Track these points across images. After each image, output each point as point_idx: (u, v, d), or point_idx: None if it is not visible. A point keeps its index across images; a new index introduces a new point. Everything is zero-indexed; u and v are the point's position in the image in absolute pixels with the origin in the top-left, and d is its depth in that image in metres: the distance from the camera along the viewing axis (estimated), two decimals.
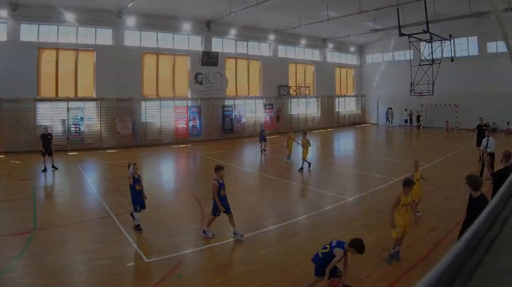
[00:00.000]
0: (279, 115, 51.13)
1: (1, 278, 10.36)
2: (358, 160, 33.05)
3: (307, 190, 21.73)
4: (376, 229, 14.03)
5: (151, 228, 14.45)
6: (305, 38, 53.51)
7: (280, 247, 12.90)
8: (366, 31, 50.25)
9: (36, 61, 34.95)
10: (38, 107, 35.00)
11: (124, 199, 18.58)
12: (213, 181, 13.73)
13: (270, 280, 10.59)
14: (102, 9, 36.57)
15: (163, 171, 29.71)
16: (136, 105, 39.59)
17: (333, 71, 60.39)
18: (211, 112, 44.83)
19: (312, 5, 39.92)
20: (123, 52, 38.96)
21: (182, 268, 11.34)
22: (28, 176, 24.59)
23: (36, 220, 15.56)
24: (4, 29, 33.44)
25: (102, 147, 37.05)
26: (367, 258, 10.75)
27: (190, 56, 43.85)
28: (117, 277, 10.68)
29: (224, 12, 39.47)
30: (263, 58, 50.60)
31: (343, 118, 62.08)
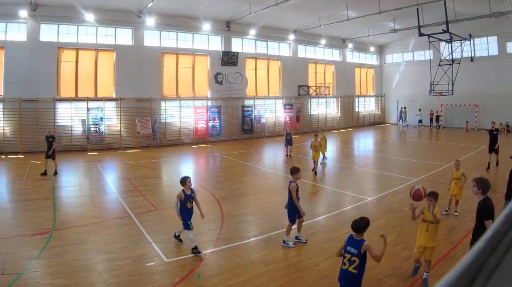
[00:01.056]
0: (299, 115, 50.18)
1: (20, 277, 10.25)
2: (377, 159, 32.52)
3: (327, 190, 21.16)
4: (396, 229, 14.00)
5: (171, 228, 14.05)
6: (325, 38, 52.45)
7: (299, 247, 12.74)
8: (386, 31, 49.05)
9: (56, 61, 34.42)
10: (58, 107, 34.51)
11: (144, 199, 18.73)
12: (291, 183, 13.11)
13: (289, 280, 10.49)
14: (122, 9, 35.89)
15: (182, 171, 28.19)
16: (156, 105, 38.88)
17: (353, 71, 59.15)
18: (231, 113, 44.08)
19: (331, 5, 39.06)
20: (143, 52, 38.43)
21: (202, 268, 11.27)
22: (47, 176, 24.00)
23: (56, 220, 15.37)
24: (24, 29, 32.97)
25: (122, 147, 36.59)
26: (387, 258, 10.45)
27: (209, 56, 43.10)
28: (136, 277, 10.63)
29: (244, 12, 38.84)
30: (283, 58, 49.60)
31: (363, 118, 60.79)
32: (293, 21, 45.42)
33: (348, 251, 8.31)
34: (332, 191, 20.68)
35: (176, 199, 12.45)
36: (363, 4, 38.34)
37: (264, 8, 36.25)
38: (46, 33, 34.26)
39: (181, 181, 12.84)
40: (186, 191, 12.57)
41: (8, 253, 11.85)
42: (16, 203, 17.90)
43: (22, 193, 19.80)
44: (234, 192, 20.39)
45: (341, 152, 36.76)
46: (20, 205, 17.49)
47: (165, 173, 28.02)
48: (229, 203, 18.05)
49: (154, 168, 28.32)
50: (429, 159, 29.82)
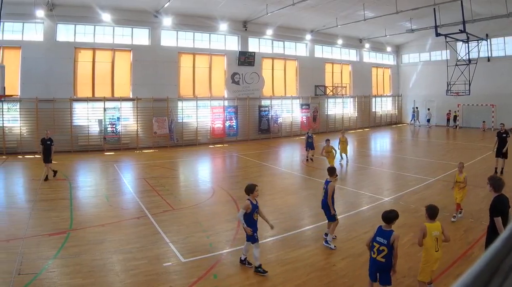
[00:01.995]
0: (315, 115, 49.41)
1: (37, 277, 10.17)
2: (394, 159, 32.10)
3: (344, 190, 20.40)
4: (413, 229, 13.54)
5: (188, 228, 14.26)
6: (341, 38, 51.54)
7: (316, 247, 12.63)
8: (403, 31, 47.98)
9: (73, 61, 34.07)
10: (75, 107, 34.13)
11: (161, 199, 18.54)
12: (329, 183, 12.84)
13: (305, 280, 10.35)
14: (139, 9, 35.61)
15: (199, 171, 28.81)
16: (172, 105, 38.41)
17: (369, 71, 58.28)
18: (248, 113, 43.45)
19: (348, 5, 38.53)
20: (159, 52, 38.00)
21: (218, 268, 11.14)
22: (64, 176, 23.78)
23: (73, 219, 15.27)
24: (41, 29, 32.68)
25: (139, 147, 36.09)
26: (404, 258, 10.71)
27: (226, 56, 42.56)
28: (153, 277, 10.53)
29: (260, 12, 38.32)
30: (300, 58, 48.90)
31: (380, 118, 59.97)
32: (310, 21, 44.78)
33: (377, 241, 8.85)
34: (349, 191, 20.24)
35: (241, 210, 10.97)
36: (380, 4, 37.81)
37: (281, 8, 35.90)
38: (63, 33, 33.89)
39: (248, 190, 11.23)
40: (253, 201, 11.14)
41: (25, 253, 11.70)
42: (33, 203, 17.69)
43: (39, 193, 19.58)
44: None
45: (358, 152, 36.09)
46: (37, 205, 17.30)
47: (182, 173, 27.55)
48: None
49: (171, 168, 27.88)
50: (446, 159, 29.10)
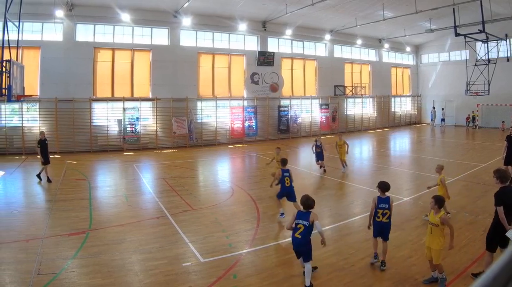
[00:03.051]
0: (335, 115, 48.66)
1: (57, 278, 10.06)
2: (413, 159, 31.47)
3: (363, 190, 20.21)
4: None
5: (207, 228, 14.13)
6: (361, 38, 50.69)
7: (335, 247, 12.39)
8: (422, 31, 47.10)
9: (92, 61, 33.77)
10: (94, 107, 33.85)
11: (180, 199, 18.35)
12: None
13: (325, 280, 10.23)
14: (158, 9, 35.26)
15: (218, 171, 28.32)
16: (192, 105, 37.90)
17: (389, 71, 57.26)
18: (267, 112, 42.78)
19: (368, 5, 37.98)
20: (179, 52, 37.54)
21: (238, 268, 10.95)
22: (83, 175, 23.58)
23: (92, 219, 15.16)
24: (60, 29, 32.42)
25: (158, 147, 35.73)
26: (423, 259, 10.65)
27: (246, 56, 41.93)
28: (172, 277, 10.36)
29: (280, 12, 37.76)
30: (319, 58, 48.03)
31: (399, 118, 58.86)
32: (329, 21, 44.04)
33: (380, 207, 10.87)
34: (368, 191, 19.66)
35: (319, 222, 9.95)
36: (399, 4, 37.28)
37: (300, 8, 35.37)
38: (82, 33, 33.60)
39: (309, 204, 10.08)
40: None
41: (44, 253, 11.59)
42: (52, 203, 17.52)
43: (58, 192, 19.40)
44: (270, 192, 19.32)
45: (377, 152, 35.92)
46: (56, 205, 17.14)
47: (201, 173, 27.01)
48: (265, 203, 17.55)
49: (190, 168, 27.35)
50: (465, 159, 28.55)
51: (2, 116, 31.23)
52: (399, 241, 12.65)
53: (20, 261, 11.06)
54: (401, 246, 12.29)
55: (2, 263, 10.94)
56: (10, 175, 23.43)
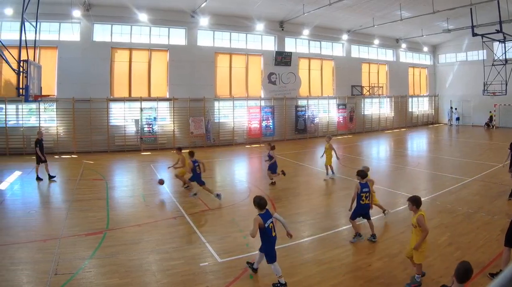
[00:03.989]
0: (352, 115, 48.02)
1: (74, 277, 10.07)
2: (430, 159, 31.03)
3: (380, 190, 19.30)
4: (449, 229, 13.61)
5: (224, 228, 14.09)
6: (378, 38, 50.10)
7: (352, 247, 12.37)
8: (439, 31, 46.32)
9: (109, 61, 33.55)
10: (111, 107, 33.55)
11: (197, 199, 18.13)
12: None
13: (342, 280, 10.19)
14: (176, 9, 34.87)
15: (236, 171, 27.99)
16: (209, 105, 37.46)
17: (406, 71, 56.40)
18: (284, 112, 42.18)
19: (385, 5, 37.24)
20: (196, 52, 37.10)
21: None
22: (101, 175, 23.41)
23: (109, 219, 15.13)
24: (78, 29, 32.20)
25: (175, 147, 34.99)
26: (440, 258, 10.96)
27: (263, 56, 41.32)
28: (190, 277, 10.35)
29: (297, 12, 37.15)
30: (336, 58, 47.29)
31: (416, 118, 57.98)
32: (347, 21, 43.40)
33: (364, 191, 12.59)
34: (385, 191, 19.50)
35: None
36: (416, 4, 36.63)
37: (318, 8, 34.75)
38: (99, 33, 33.37)
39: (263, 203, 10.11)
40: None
41: (62, 253, 11.57)
42: (69, 203, 17.45)
43: (75, 193, 19.37)
44: (287, 192, 19.64)
45: (395, 152, 35.40)
46: (74, 205, 17.08)
47: (219, 173, 26.59)
48: (282, 203, 17.50)
49: (207, 168, 26.46)
50: (482, 159, 28.05)
51: (20, 116, 31.09)
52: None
53: (38, 261, 11.01)
54: None
55: (20, 263, 10.91)
56: (28, 175, 23.03)
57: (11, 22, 29.67)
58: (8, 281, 9.91)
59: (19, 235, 13.24)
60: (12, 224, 14.51)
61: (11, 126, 30.50)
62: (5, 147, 30.01)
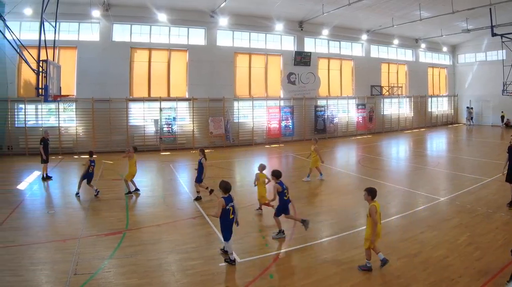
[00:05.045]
0: (371, 115, 47.17)
1: (93, 277, 10.01)
2: (450, 159, 30.50)
3: (400, 190, 19.73)
4: (469, 229, 13.49)
5: (244, 228, 13.52)
6: (397, 38, 49.15)
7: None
8: (459, 31, 45.55)
9: (129, 61, 33.19)
10: (131, 107, 33.14)
11: (216, 199, 16.58)
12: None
13: (361, 280, 10.07)
14: (195, 9, 34.39)
15: (255, 171, 26.91)
16: (228, 105, 36.83)
17: (425, 71, 55.41)
18: (304, 112, 41.37)
19: (404, 5, 36.46)
20: (215, 52, 36.56)
21: (274, 268, 10.85)
22: (120, 176, 22.82)
23: (128, 219, 15.09)
24: (97, 29, 31.86)
25: (195, 147, 34.60)
26: (460, 259, 10.91)
27: (282, 56, 40.55)
28: (209, 277, 10.29)
29: (316, 12, 36.45)
30: (356, 58, 46.48)
31: (436, 118, 56.98)
32: (366, 21, 42.67)
33: (285, 188, 13.19)
34: (405, 191, 19.48)
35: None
36: (435, 4, 35.85)
37: (337, 8, 34.25)
38: (118, 33, 33.03)
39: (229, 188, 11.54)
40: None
41: (81, 253, 11.53)
42: (89, 203, 17.39)
43: (95, 193, 18.82)
44: (306, 192, 19.60)
45: (414, 152, 34.88)
46: (93, 205, 17.05)
47: (238, 173, 26.23)
48: (302, 203, 17.30)
49: (227, 168, 26.68)
50: (501, 159, 26.62)
51: (39, 116, 30.81)
52: (436, 241, 12.44)
53: (57, 261, 10.95)
54: (437, 246, 12.01)
55: (39, 263, 10.84)
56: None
57: (30, 22, 29.43)
58: (27, 281, 9.81)
59: (38, 235, 13.14)
60: (31, 224, 14.36)
61: (30, 127, 30.24)
62: (24, 147, 29.70)
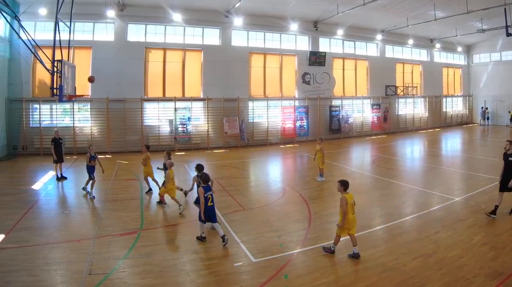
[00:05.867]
0: (386, 115, 46.47)
1: (108, 277, 9.95)
2: (465, 159, 30.11)
3: (414, 190, 19.48)
4: (483, 229, 13.31)
5: (258, 228, 13.82)
6: (412, 38, 48.30)
7: (386, 247, 12.06)
8: (473, 31, 44.52)
9: (143, 61, 32.93)
10: (145, 107, 32.87)
11: (231, 199, 17.88)
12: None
13: (376, 280, 9.90)
14: (210, 9, 34.09)
15: (270, 171, 27.11)
16: (243, 105, 36.37)
17: (440, 71, 54.58)
18: (318, 112, 40.76)
19: (419, 5, 35.97)
20: (230, 52, 36.21)
21: (289, 268, 10.69)
22: (135, 176, 22.92)
23: (143, 219, 14.93)
24: (112, 29, 31.61)
25: (209, 147, 34.53)
26: (474, 259, 10.76)
27: (297, 56, 39.97)
28: (224, 277, 10.24)
29: (331, 12, 36.03)
30: (371, 58, 45.79)
31: (450, 118, 56.15)
32: (381, 21, 42.04)
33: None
34: (419, 191, 19.20)
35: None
36: (450, 4, 35.36)
37: (352, 8, 34.04)
38: (133, 33, 32.75)
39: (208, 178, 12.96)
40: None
41: (96, 253, 11.47)
42: (103, 203, 17.29)
43: (109, 193, 19.17)
44: (321, 192, 19.42)
45: (429, 152, 34.43)
46: (108, 205, 16.95)
47: (253, 173, 25.98)
48: (317, 203, 17.14)
49: (241, 168, 26.38)
50: None
51: (54, 116, 30.63)
52: (451, 241, 12.28)
53: (72, 261, 10.93)
54: (452, 245, 11.85)
55: (54, 263, 10.78)
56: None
57: (45, 22, 29.26)
58: (42, 281, 9.73)
59: (53, 235, 13.09)
60: (46, 224, 14.31)
61: (45, 127, 29.96)
62: (39, 147, 29.43)
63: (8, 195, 18.63)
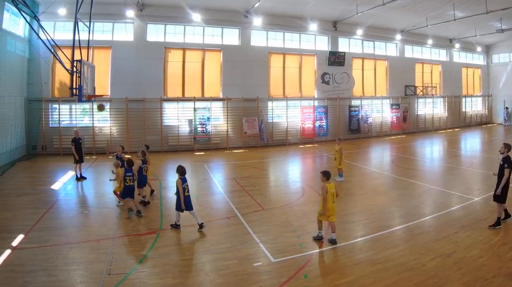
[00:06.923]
0: (405, 115, 45.48)
1: (128, 277, 9.91)
2: (484, 159, 29.30)
3: (434, 190, 19.24)
4: (503, 229, 13.08)
5: (278, 228, 13.75)
6: (431, 38, 47.33)
7: (406, 247, 11.92)
8: (493, 31, 43.23)
9: (163, 61, 32.37)
10: (165, 107, 32.34)
11: (251, 199, 17.79)
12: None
13: (395, 280, 9.80)
14: (229, 9, 33.51)
15: (289, 171, 26.61)
16: (262, 105, 35.60)
17: (459, 71, 53.43)
18: (338, 113, 39.90)
19: (438, 5, 35.10)
20: (249, 52, 35.47)
21: (309, 268, 10.58)
22: (154, 176, 22.52)
23: (163, 219, 14.82)
24: (131, 29, 31.16)
25: (229, 147, 33.96)
26: (494, 259, 10.64)
27: (316, 56, 39.07)
28: (243, 277, 10.11)
29: (351, 12, 35.29)
30: (390, 58, 44.79)
31: (470, 118, 54.99)
32: (400, 21, 41.07)
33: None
34: (439, 191, 18.99)
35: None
36: (469, 4, 34.52)
37: (371, 8, 33.33)
38: (153, 33, 32.23)
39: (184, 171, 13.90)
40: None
41: (115, 253, 11.43)
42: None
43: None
44: (340, 192, 17.78)
45: (448, 152, 33.90)
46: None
47: (272, 173, 25.56)
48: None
49: (261, 168, 25.97)
50: None
51: (73, 116, 30.24)
52: (470, 240, 12.16)
53: (91, 261, 10.91)
54: (471, 245, 11.74)
55: (73, 263, 10.79)
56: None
57: (64, 22, 28.85)
58: (62, 281, 9.70)
59: (72, 235, 13.06)
60: (65, 224, 14.26)
61: (64, 127, 29.52)
62: (58, 147, 28.99)
63: (28, 195, 18.43)
